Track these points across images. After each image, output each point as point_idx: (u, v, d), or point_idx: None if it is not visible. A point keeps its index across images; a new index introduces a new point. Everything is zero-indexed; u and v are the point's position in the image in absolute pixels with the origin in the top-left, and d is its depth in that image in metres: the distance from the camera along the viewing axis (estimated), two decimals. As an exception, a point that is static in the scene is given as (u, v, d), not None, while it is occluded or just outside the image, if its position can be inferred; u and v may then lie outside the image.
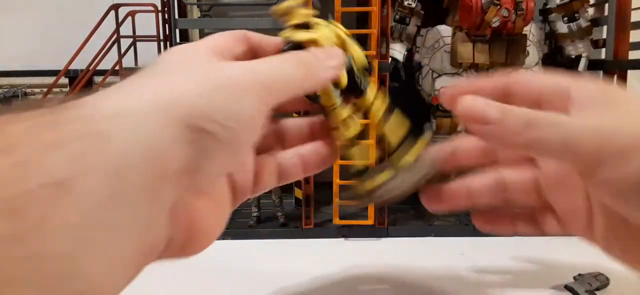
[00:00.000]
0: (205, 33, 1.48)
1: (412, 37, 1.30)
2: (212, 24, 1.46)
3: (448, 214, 1.19)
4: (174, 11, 1.30)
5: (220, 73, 0.29)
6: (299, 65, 0.33)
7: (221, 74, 0.29)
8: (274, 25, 1.32)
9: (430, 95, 1.27)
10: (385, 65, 1.10)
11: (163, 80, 0.29)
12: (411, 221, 1.12)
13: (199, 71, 0.29)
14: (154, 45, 1.39)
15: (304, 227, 1.06)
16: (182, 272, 0.67)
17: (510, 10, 1.11)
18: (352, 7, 1.30)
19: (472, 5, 1.11)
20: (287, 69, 0.32)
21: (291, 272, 0.84)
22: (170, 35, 1.31)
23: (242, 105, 0.28)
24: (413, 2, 1.24)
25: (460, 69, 1.22)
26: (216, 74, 0.29)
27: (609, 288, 0.75)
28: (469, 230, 1.04)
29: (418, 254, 0.88)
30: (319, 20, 0.42)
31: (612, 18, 1.22)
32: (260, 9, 1.44)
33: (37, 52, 1.75)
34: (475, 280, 0.84)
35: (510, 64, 1.18)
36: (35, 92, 1.78)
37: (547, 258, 0.94)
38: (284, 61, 0.33)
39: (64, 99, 0.26)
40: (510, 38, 1.16)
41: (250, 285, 0.77)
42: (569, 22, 1.26)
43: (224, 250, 0.91)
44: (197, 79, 0.28)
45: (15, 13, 1.83)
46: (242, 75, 0.29)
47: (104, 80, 1.44)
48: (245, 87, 0.29)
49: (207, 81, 0.28)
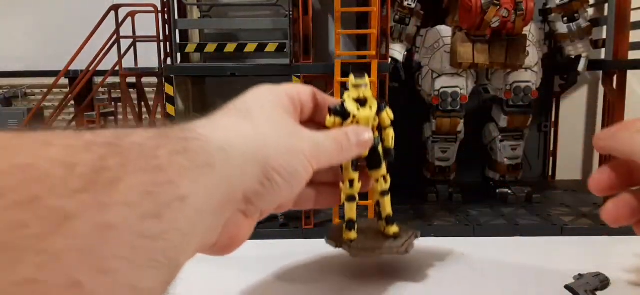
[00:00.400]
0: (205, 33, 1.48)
1: (412, 37, 1.30)
2: (212, 24, 1.46)
3: (448, 214, 1.19)
4: (173, 11, 1.31)
5: (294, 140, 0.41)
6: (335, 143, 0.45)
7: (294, 141, 0.41)
8: (273, 25, 1.32)
9: (430, 95, 1.27)
10: (385, 66, 1.10)
11: (255, 128, 0.39)
12: (411, 221, 1.12)
13: (281, 129, 0.41)
14: (153, 46, 1.39)
15: (304, 227, 1.06)
16: (182, 271, 0.67)
17: (510, 11, 1.11)
18: (352, 7, 1.30)
19: (471, 6, 1.11)
20: (328, 147, 0.44)
21: (291, 272, 0.84)
22: (170, 35, 1.32)
23: (301, 168, 0.41)
24: (413, 2, 1.24)
25: (460, 69, 1.22)
26: (291, 140, 0.41)
27: (609, 288, 0.74)
28: (469, 230, 1.04)
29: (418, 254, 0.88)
30: (373, 100, 0.52)
31: (612, 18, 1.22)
32: (260, 10, 1.44)
33: (37, 52, 1.76)
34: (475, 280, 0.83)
35: (510, 65, 1.18)
36: (35, 92, 1.79)
37: (547, 258, 0.94)
38: (327, 139, 0.45)
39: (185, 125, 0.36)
40: (510, 38, 1.16)
41: (250, 285, 0.77)
42: (568, 22, 1.26)
43: (224, 250, 0.91)
44: (279, 138, 0.40)
45: (15, 13, 1.83)
46: (307, 149, 0.41)
47: (104, 81, 1.44)
48: (307, 156, 0.41)
49: (285, 143, 0.40)
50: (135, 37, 1.41)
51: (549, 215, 1.14)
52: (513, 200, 1.27)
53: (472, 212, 1.17)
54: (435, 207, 1.25)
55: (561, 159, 1.61)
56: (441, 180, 1.36)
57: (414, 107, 1.39)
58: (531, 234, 1.03)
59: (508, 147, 1.32)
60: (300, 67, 1.17)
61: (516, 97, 1.22)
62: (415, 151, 1.42)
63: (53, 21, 1.77)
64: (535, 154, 1.56)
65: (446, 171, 1.36)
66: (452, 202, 1.29)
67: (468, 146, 1.37)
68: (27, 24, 1.83)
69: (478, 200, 1.30)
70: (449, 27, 1.24)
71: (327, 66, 1.15)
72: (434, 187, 1.34)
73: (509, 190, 1.30)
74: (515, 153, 1.33)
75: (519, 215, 1.16)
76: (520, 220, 1.11)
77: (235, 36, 1.41)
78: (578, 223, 1.08)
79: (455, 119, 1.28)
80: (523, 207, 1.22)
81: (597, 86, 1.59)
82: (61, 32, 1.70)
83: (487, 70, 1.26)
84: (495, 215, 1.15)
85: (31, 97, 1.81)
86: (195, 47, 1.36)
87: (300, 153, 0.41)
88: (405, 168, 1.15)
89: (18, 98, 1.79)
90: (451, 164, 1.36)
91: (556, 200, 1.30)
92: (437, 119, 1.28)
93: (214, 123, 0.38)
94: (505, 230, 1.05)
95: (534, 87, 1.23)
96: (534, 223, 1.09)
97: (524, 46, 1.17)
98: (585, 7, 1.25)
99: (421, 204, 1.28)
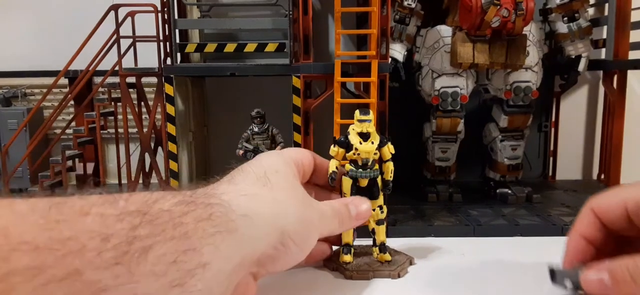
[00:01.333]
0: (205, 33, 1.48)
1: (412, 37, 1.30)
2: (212, 24, 1.46)
3: (448, 214, 1.19)
4: (173, 11, 1.30)
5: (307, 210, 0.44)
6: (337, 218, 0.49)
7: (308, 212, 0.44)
8: (273, 25, 1.32)
9: (430, 95, 1.27)
10: (385, 66, 1.10)
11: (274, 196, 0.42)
12: (411, 221, 1.11)
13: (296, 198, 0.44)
14: (153, 46, 1.39)
15: (304, 227, 1.06)
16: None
17: (510, 11, 1.11)
18: (352, 7, 1.30)
19: (472, 6, 1.11)
20: (331, 219, 0.48)
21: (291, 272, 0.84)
22: (170, 35, 1.31)
23: (313, 238, 0.45)
24: (413, 2, 1.24)
25: (460, 69, 1.22)
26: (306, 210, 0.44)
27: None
28: (469, 230, 1.04)
29: (418, 254, 0.88)
30: (376, 135, 0.57)
31: (612, 18, 1.23)
32: (260, 9, 1.44)
33: (36, 52, 1.76)
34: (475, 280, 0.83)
35: (511, 64, 1.18)
36: (35, 92, 1.79)
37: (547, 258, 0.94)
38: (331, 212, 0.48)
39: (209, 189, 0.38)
40: (510, 38, 1.16)
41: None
42: (569, 22, 1.26)
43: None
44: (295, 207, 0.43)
45: (15, 13, 1.83)
46: (316, 219, 0.45)
47: (103, 80, 1.44)
48: (316, 226, 0.45)
49: (300, 213, 0.43)
50: (135, 37, 1.41)
51: (549, 215, 1.14)
52: (513, 200, 1.27)
53: (472, 212, 1.17)
54: (435, 207, 1.25)
55: (561, 159, 1.61)
56: (441, 180, 1.36)
57: (414, 107, 1.39)
58: (531, 234, 1.03)
59: (508, 147, 1.32)
60: (300, 67, 1.17)
61: (516, 97, 1.22)
62: (416, 151, 1.42)
63: (53, 21, 1.77)
64: (535, 154, 1.56)
65: (446, 171, 1.36)
66: (452, 202, 1.29)
67: (468, 146, 1.37)
68: (27, 23, 1.83)
69: (478, 200, 1.29)
70: (449, 27, 1.24)
71: (327, 66, 1.15)
72: (434, 187, 1.34)
73: (509, 191, 1.30)
74: (516, 153, 1.33)
75: (519, 215, 1.15)
76: (520, 221, 1.10)
77: (235, 36, 1.41)
78: (578, 223, 1.08)
79: (455, 119, 1.28)
80: (523, 207, 1.22)
81: (598, 86, 1.59)
82: (61, 32, 1.70)
83: (487, 70, 1.26)
84: (495, 215, 1.15)
85: (31, 97, 1.81)
86: (195, 47, 1.35)
87: (312, 223, 0.44)
88: (405, 168, 1.15)
89: (18, 98, 1.79)
90: (451, 164, 1.36)
91: (556, 200, 1.29)
92: (437, 119, 1.28)
93: (237, 188, 0.40)
94: (505, 230, 1.05)
95: (534, 87, 1.23)
96: (534, 223, 1.09)
97: (524, 46, 1.17)
98: (585, 7, 1.25)
99: (421, 204, 1.27)
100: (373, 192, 0.62)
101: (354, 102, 1.24)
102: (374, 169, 0.61)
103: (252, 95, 1.62)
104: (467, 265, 0.88)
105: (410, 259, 0.73)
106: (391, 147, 0.62)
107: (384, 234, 0.70)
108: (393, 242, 0.95)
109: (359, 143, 0.59)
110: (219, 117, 1.67)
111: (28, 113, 1.62)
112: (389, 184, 0.63)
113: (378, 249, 0.70)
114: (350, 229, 0.56)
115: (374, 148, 0.59)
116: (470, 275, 0.84)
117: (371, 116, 0.58)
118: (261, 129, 1.28)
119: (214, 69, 1.36)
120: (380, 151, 0.61)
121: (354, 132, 0.59)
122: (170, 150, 1.38)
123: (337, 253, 0.67)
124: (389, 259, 0.68)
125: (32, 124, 1.60)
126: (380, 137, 0.61)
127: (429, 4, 1.29)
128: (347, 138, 0.58)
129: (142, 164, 1.50)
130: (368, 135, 0.59)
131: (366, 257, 0.72)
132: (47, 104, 1.68)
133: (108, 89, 1.47)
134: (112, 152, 1.65)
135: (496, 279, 0.82)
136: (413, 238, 1.08)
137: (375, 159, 0.61)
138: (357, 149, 0.58)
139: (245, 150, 1.27)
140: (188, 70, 1.38)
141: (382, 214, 0.67)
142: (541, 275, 0.86)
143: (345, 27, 1.00)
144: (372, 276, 0.67)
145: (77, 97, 1.52)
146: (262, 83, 1.70)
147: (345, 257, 0.69)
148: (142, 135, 1.46)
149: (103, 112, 1.50)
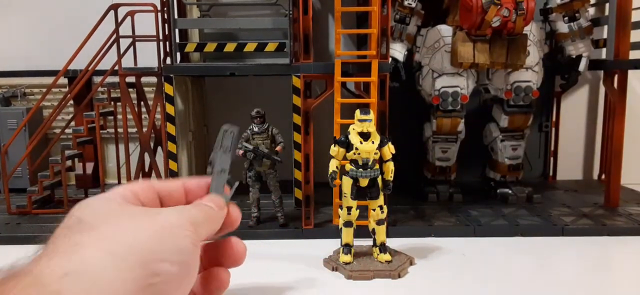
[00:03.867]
0: (204, 33, 1.48)
1: (413, 36, 1.30)
2: (211, 23, 1.46)
3: (448, 214, 1.18)
4: (173, 11, 1.30)
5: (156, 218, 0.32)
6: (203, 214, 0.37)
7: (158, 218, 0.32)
8: (273, 25, 1.32)
9: (431, 95, 1.27)
10: (386, 65, 1.10)
11: (109, 230, 0.31)
12: (411, 222, 1.11)
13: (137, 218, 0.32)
14: (153, 45, 1.38)
15: (304, 227, 1.05)
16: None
17: (510, 10, 1.11)
18: (352, 7, 1.30)
19: (472, 5, 1.11)
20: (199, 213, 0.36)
21: (291, 272, 0.84)
22: (169, 35, 1.31)
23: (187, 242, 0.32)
24: (413, 2, 1.24)
25: (460, 68, 1.22)
26: (151, 219, 0.32)
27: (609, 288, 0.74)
28: (469, 230, 1.04)
29: (418, 254, 0.88)
30: (376, 135, 0.59)
31: (613, 18, 1.22)
32: (260, 9, 1.44)
33: (36, 51, 1.75)
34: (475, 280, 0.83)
35: (511, 64, 1.18)
36: (34, 92, 1.78)
37: (547, 258, 0.94)
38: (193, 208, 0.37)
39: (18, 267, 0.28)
40: (511, 38, 1.16)
41: (250, 285, 0.77)
42: (569, 22, 1.26)
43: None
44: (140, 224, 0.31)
45: (15, 13, 1.83)
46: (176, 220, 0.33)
47: (103, 80, 1.43)
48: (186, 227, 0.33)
49: (150, 225, 0.31)
50: (135, 36, 1.40)
51: (550, 215, 1.14)
52: (513, 200, 1.27)
53: (473, 212, 1.17)
54: (435, 207, 1.25)
55: (562, 159, 1.60)
56: (441, 180, 1.36)
57: (414, 107, 1.39)
58: (532, 234, 1.03)
59: (509, 147, 1.32)
60: (300, 66, 1.17)
61: (517, 97, 1.22)
62: (416, 151, 1.42)
63: (52, 21, 1.77)
64: (536, 154, 1.56)
65: (447, 171, 1.36)
66: (453, 202, 1.29)
67: (468, 146, 1.37)
68: (26, 23, 1.83)
69: (478, 200, 1.30)
70: (450, 27, 1.24)
71: (327, 66, 1.15)
72: (435, 187, 1.34)
73: (509, 191, 1.30)
74: (516, 153, 1.33)
75: (520, 215, 1.15)
76: (520, 221, 1.10)
77: (235, 36, 1.41)
78: (579, 223, 1.07)
79: (455, 119, 1.28)
80: (523, 208, 1.22)
81: (598, 86, 1.59)
82: (60, 32, 1.70)
83: (488, 70, 1.26)
84: (496, 215, 1.15)
85: (30, 97, 1.81)
86: (195, 46, 1.35)
87: (174, 227, 0.33)
88: (405, 168, 1.15)
89: (17, 98, 1.78)
90: (452, 164, 1.36)
91: (557, 200, 1.30)
92: (438, 119, 1.28)
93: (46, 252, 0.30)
94: (505, 230, 1.05)
95: (534, 87, 1.23)
96: (534, 223, 1.09)
97: (525, 46, 1.17)
98: (586, 7, 1.25)
99: (421, 204, 1.27)
100: (373, 192, 0.62)
101: (354, 102, 1.24)
102: (374, 168, 0.61)
103: (252, 95, 1.62)
104: (467, 265, 0.87)
105: (410, 259, 0.74)
106: (392, 147, 0.62)
107: (384, 234, 0.70)
108: (393, 242, 0.96)
109: (360, 142, 0.59)
110: (219, 116, 1.67)
111: (27, 113, 1.61)
112: (389, 184, 0.64)
113: (378, 249, 0.70)
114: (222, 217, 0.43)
115: (375, 148, 0.60)
116: (471, 275, 0.84)
117: (372, 116, 0.58)
118: (261, 129, 1.28)
119: (214, 68, 1.36)
120: (381, 151, 0.62)
121: (355, 132, 0.60)
122: (169, 150, 1.38)
123: (337, 253, 0.67)
124: (389, 259, 0.68)
125: (31, 124, 1.60)
126: (380, 136, 0.61)
127: (429, 4, 1.29)
128: (347, 138, 0.59)
129: (141, 163, 1.50)
130: (368, 135, 0.59)
131: (366, 257, 0.72)
132: (46, 103, 1.68)
133: (107, 88, 1.47)
134: (111, 152, 1.65)
135: (496, 279, 0.81)
136: (413, 238, 1.08)
137: (376, 158, 0.61)
138: (357, 149, 0.59)
139: (245, 150, 1.26)
140: (188, 70, 1.37)
141: (382, 214, 0.67)
142: (541, 275, 0.86)
143: (345, 27, 1.00)
144: (372, 276, 0.67)
145: (77, 96, 1.52)
146: (262, 83, 1.70)
147: (345, 257, 0.68)
148: (142, 135, 1.46)
149: (102, 112, 1.49)
